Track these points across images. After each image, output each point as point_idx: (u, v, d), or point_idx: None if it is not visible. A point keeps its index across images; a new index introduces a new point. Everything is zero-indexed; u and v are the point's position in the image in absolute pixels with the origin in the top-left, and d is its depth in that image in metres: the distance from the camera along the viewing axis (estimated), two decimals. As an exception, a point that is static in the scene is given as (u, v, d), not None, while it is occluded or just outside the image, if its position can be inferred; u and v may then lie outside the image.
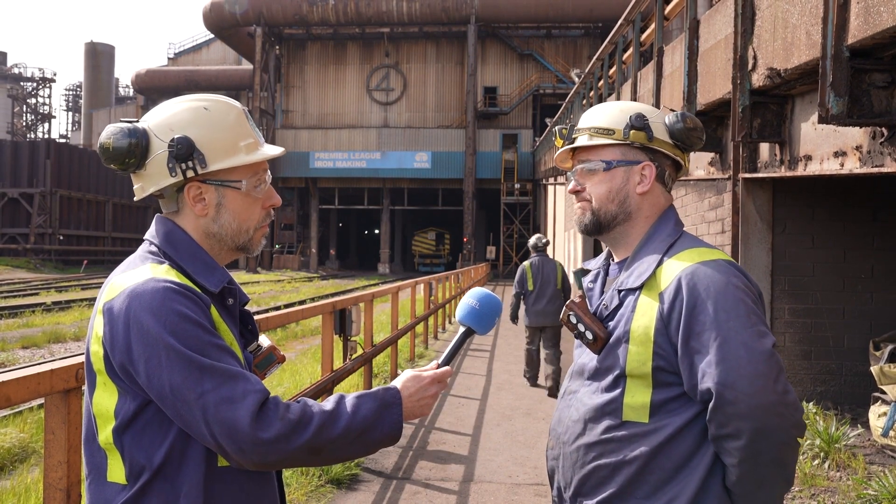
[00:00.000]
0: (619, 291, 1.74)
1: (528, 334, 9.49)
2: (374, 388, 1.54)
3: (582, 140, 1.82)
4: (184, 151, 1.49)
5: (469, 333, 1.75)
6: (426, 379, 1.61)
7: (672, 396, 1.64)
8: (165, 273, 1.47)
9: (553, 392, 8.95)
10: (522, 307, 9.56)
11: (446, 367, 1.66)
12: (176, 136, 1.50)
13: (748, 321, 1.56)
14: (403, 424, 1.54)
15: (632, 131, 1.76)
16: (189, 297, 1.43)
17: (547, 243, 9.50)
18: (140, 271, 1.47)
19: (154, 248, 1.55)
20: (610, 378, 1.70)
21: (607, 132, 1.79)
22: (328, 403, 1.46)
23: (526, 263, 9.38)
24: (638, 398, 1.66)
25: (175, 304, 1.40)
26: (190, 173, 1.51)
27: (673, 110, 1.83)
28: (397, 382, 1.59)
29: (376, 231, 57.62)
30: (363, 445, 1.48)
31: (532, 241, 9.54)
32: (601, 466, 1.69)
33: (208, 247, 1.58)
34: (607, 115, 1.81)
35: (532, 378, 9.64)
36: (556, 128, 1.87)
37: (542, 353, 9.41)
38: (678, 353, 1.61)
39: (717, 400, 1.53)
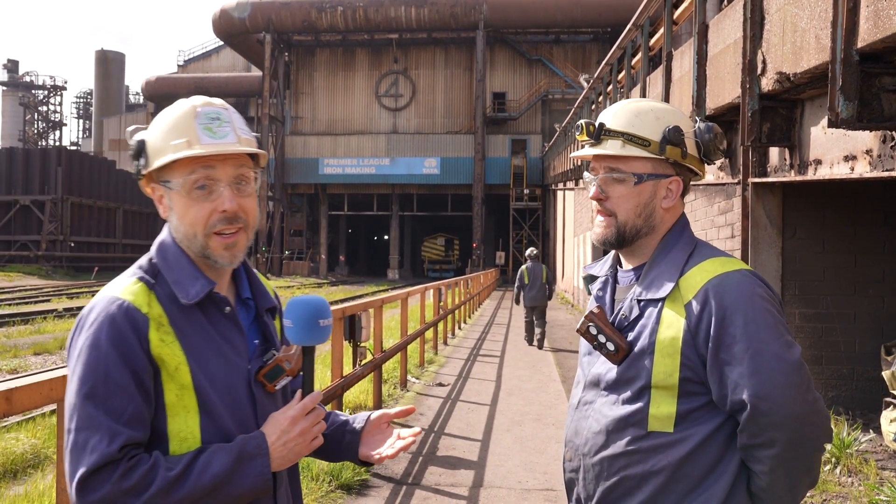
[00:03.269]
0: (639, 302, 1.71)
1: (526, 312, 14.47)
2: (238, 439, 1.48)
3: (613, 146, 1.73)
4: (135, 151, 1.54)
5: (309, 351, 1.59)
6: (286, 420, 1.51)
7: (697, 406, 1.64)
8: (126, 291, 1.48)
9: (539, 346, 14.13)
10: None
11: (310, 396, 1.55)
12: (137, 138, 1.55)
13: (777, 332, 1.57)
14: (272, 472, 1.48)
15: (668, 146, 1.70)
16: (117, 324, 1.43)
17: (537, 254, 14.53)
18: (113, 285, 1.52)
19: (146, 260, 1.57)
20: (633, 389, 1.68)
21: (642, 143, 1.71)
22: (180, 463, 1.41)
23: (523, 267, 14.51)
24: (664, 409, 1.65)
25: (102, 329, 1.43)
26: (143, 172, 1.54)
27: (703, 120, 1.78)
28: (264, 427, 1.52)
29: (385, 237, 57.67)
30: (221, 500, 1.43)
31: (527, 252, 14.61)
32: (627, 477, 1.67)
33: (191, 253, 1.56)
34: (642, 120, 1.72)
35: (529, 340, 14.60)
36: (582, 121, 1.76)
37: (535, 322, 14.28)
38: (707, 364, 1.60)
39: (751, 411, 1.54)
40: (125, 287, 1.49)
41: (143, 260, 1.57)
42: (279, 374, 1.58)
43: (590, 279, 1.92)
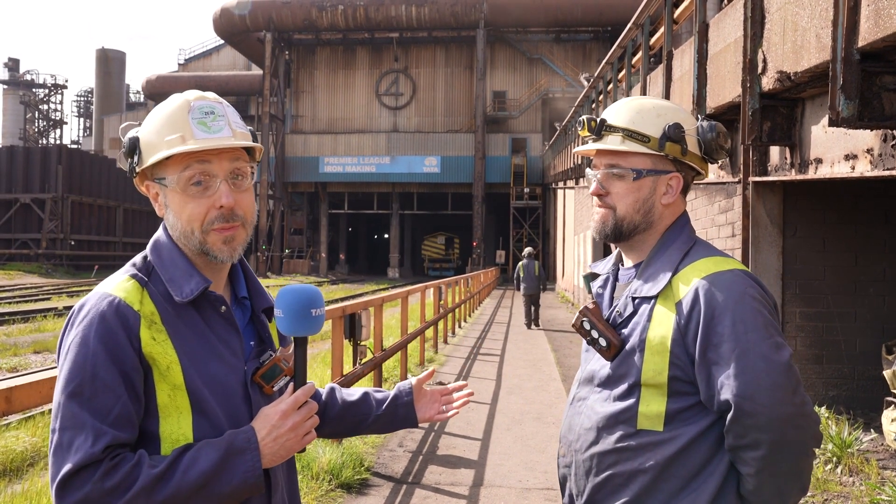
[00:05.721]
0: (634, 299, 1.72)
1: (524, 300, 17.86)
2: (226, 434, 1.43)
3: (613, 142, 1.75)
4: (128, 149, 1.51)
5: (302, 343, 1.53)
6: (277, 414, 1.45)
7: (687, 406, 1.64)
8: (117, 288, 1.46)
9: (536, 324, 17.95)
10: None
11: (302, 388, 1.49)
12: (130, 135, 1.53)
13: (766, 333, 1.57)
14: (262, 469, 1.43)
15: (668, 143, 1.71)
16: (107, 322, 1.40)
17: (532, 253, 18.00)
18: (106, 283, 1.49)
19: (140, 258, 1.55)
20: (624, 386, 1.69)
21: (642, 138, 1.72)
22: (165, 460, 1.37)
23: (520, 263, 18.00)
24: (653, 407, 1.65)
25: (91, 326, 1.40)
26: (137, 170, 1.52)
27: (707, 118, 1.78)
28: (254, 422, 1.47)
29: (386, 235, 57.69)
30: (210, 499, 1.38)
31: (524, 251, 18.08)
32: (616, 475, 1.68)
33: (187, 251, 1.53)
34: (643, 117, 1.74)
35: (528, 325, 17.79)
36: (584, 117, 1.79)
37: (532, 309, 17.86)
38: (695, 363, 1.61)
39: (735, 411, 1.54)
40: (117, 284, 1.47)
41: (137, 258, 1.55)
42: (277, 375, 1.54)
43: (591, 277, 1.94)
